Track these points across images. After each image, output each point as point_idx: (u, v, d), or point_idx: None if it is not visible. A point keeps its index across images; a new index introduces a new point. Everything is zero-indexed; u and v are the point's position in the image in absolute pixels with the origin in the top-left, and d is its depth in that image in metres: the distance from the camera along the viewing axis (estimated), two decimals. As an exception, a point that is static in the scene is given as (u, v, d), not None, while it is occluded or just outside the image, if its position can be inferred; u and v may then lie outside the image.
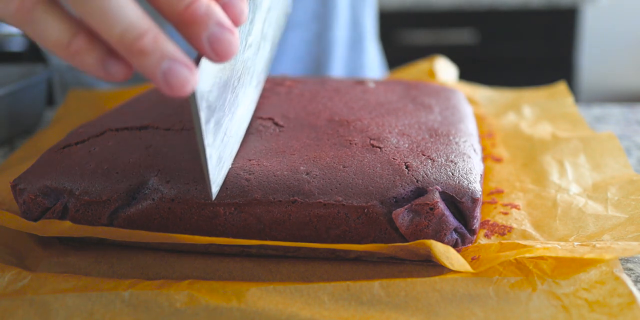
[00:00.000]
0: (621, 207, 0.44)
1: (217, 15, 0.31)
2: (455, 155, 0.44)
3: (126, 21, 0.29)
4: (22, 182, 0.43)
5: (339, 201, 0.40)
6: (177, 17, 0.30)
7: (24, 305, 0.37)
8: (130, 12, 0.29)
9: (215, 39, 0.31)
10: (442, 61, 0.77)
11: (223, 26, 0.31)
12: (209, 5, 0.30)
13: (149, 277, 0.41)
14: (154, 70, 0.30)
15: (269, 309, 0.36)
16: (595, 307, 0.36)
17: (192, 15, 0.30)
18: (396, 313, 0.36)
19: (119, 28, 0.29)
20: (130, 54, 0.30)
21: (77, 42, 0.30)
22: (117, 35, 0.29)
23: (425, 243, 0.38)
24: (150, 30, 0.29)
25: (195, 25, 0.30)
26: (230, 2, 0.32)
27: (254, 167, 0.42)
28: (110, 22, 0.29)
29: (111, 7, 0.29)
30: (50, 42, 0.30)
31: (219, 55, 0.31)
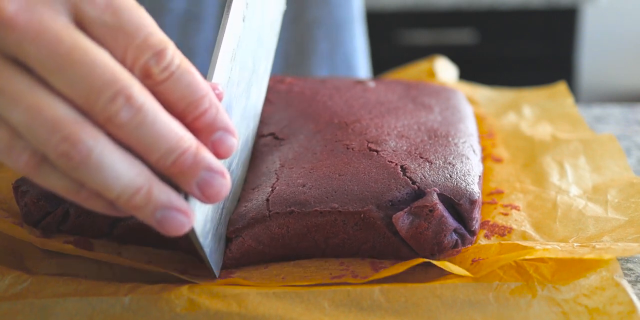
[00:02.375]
0: (621, 209, 0.44)
1: (205, 161, 0.32)
2: (454, 157, 0.44)
3: (120, 186, 0.31)
4: (25, 184, 0.43)
5: (335, 208, 0.40)
6: (167, 170, 0.32)
7: (24, 309, 0.37)
8: (124, 176, 0.31)
9: (205, 184, 0.32)
10: (442, 61, 0.77)
11: (212, 170, 0.32)
12: (196, 154, 0.32)
13: (149, 280, 0.41)
14: (149, 220, 0.32)
15: (269, 314, 0.36)
16: (595, 315, 0.36)
17: (181, 167, 0.32)
18: (396, 319, 0.36)
19: (114, 193, 0.31)
20: (127, 209, 0.32)
21: (85, 192, 0.32)
22: (113, 197, 0.31)
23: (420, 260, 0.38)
24: (142, 187, 0.31)
25: (185, 175, 0.32)
26: (219, 139, 0.33)
27: (253, 194, 0.43)
28: (107, 189, 0.31)
29: (107, 178, 0.30)
30: (60, 191, 0.32)
31: (210, 198, 0.33)
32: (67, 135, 0.30)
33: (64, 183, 0.32)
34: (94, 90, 0.30)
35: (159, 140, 0.31)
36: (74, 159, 0.30)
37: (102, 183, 0.31)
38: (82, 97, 0.30)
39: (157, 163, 0.32)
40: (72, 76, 0.30)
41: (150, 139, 0.31)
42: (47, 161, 0.31)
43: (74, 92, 0.30)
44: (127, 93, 0.30)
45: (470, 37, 1.79)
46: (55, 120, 0.30)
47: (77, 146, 0.30)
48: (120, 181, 0.31)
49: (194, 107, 0.33)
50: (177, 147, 0.31)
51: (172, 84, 0.32)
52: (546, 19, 1.75)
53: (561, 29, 1.76)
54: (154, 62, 0.31)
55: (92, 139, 0.30)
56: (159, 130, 0.31)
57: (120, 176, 0.31)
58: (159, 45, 0.31)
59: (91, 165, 0.30)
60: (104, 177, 0.30)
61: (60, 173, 0.31)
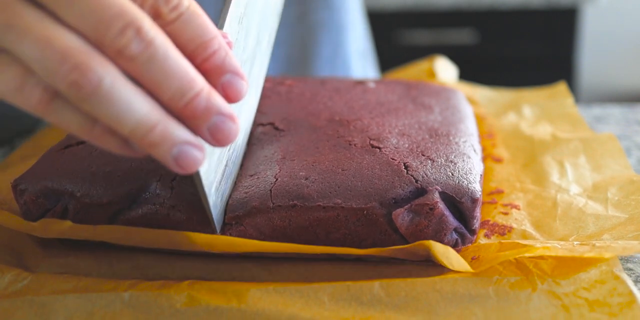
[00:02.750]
0: (621, 207, 0.44)
1: (217, 106, 0.32)
2: (455, 156, 0.44)
3: (134, 119, 0.31)
4: (23, 183, 0.43)
5: (338, 204, 0.40)
6: (179, 112, 0.32)
7: (24, 306, 0.38)
8: (137, 110, 0.31)
9: (216, 129, 0.32)
10: (441, 61, 0.77)
11: (224, 115, 0.32)
12: (209, 98, 0.32)
13: (149, 277, 0.41)
14: (165, 157, 0.32)
15: (269, 309, 0.36)
16: (595, 307, 0.36)
17: (193, 111, 0.32)
18: (396, 313, 0.36)
19: (128, 127, 0.31)
20: (142, 145, 0.31)
21: (99, 127, 0.32)
22: (128, 132, 0.31)
23: (424, 244, 0.38)
24: (158, 124, 0.31)
25: (197, 119, 0.32)
26: (229, 82, 0.33)
27: (253, 180, 0.43)
28: (120, 123, 0.31)
29: (120, 110, 0.30)
30: (73, 128, 0.32)
31: (220, 142, 0.33)
32: (76, 63, 0.30)
33: (77, 119, 0.32)
34: (103, 22, 0.30)
35: (171, 77, 0.31)
36: (85, 88, 0.30)
37: (114, 116, 0.30)
38: (91, 29, 0.30)
39: (169, 102, 0.32)
40: (82, 8, 0.30)
41: (162, 74, 0.31)
42: (60, 97, 0.31)
43: (84, 24, 0.30)
44: (137, 26, 0.30)
45: (470, 37, 1.79)
46: (65, 50, 0.30)
47: (87, 74, 0.30)
48: (134, 114, 0.31)
49: (203, 48, 0.33)
50: (189, 88, 0.31)
51: (182, 25, 0.32)
52: (546, 19, 1.75)
53: (561, 29, 1.76)
54: (163, 2, 0.32)
55: (102, 68, 0.30)
56: (170, 67, 0.31)
57: (133, 109, 0.30)
58: None
59: (102, 95, 0.30)
60: (116, 109, 0.30)
61: (73, 108, 0.31)
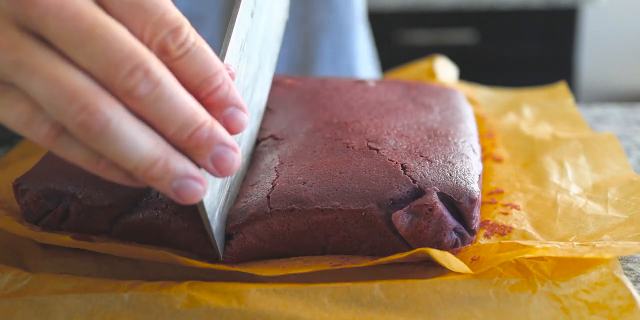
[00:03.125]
0: (621, 207, 0.44)
1: (220, 136, 0.33)
2: (454, 156, 0.44)
3: (139, 156, 0.32)
4: (25, 183, 0.43)
5: (336, 206, 0.40)
6: (183, 144, 0.33)
7: (24, 306, 0.38)
8: (141, 147, 0.32)
9: (219, 159, 0.33)
10: (441, 61, 0.77)
11: (226, 145, 0.33)
12: (211, 129, 0.33)
13: (149, 278, 0.41)
14: (167, 190, 0.33)
15: (269, 310, 0.36)
16: (595, 309, 0.36)
17: (197, 142, 0.33)
18: (396, 315, 0.36)
19: (132, 164, 0.32)
20: (145, 179, 0.33)
21: (104, 162, 0.33)
22: (132, 168, 0.32)
23: (423, 251, 0.38)
24: (160, 159, 0.32)
25: (200, 150, 0.33)
26: (231, 115, 0.34)
27: (253, 190, 0.43)
28: (125, 160, 0.32)
29: (126, 148, 0.31)
30: (79, 161, 0.33)
31: (222, 172, 0.34)
32: (85, 104, 0.30)
33: (84, 154, 0.33)
34: (113, 64, 0.30)
35: (176, 114, 0.32)
36: (92, 128, 0.30)
37: (120, 154, 0.31)
38: (101, 70, 0.31)
39: (173, 136, 0.32)
40: (93, 50, 0.30)
41: (168, 112, 0.32)
42: (67, 132, 0.32)
43: (94, 66, 0.31)
44: (146, 67, 0.31)
45: (470, 37, 1.79)
46: (74, 90, 0.30)
47: (95, 115, 0.30)
48: (138, 152, 0.31)
49: (207, 83, 0.34)
50: (193, 121, 0.32)
51: (188, 61, 0.33)
52: (546, 19, 1.75)
53: (561, 29, 1.76)
54: (171, 39, 0.32)
55: (110, 108, 0.31)
56: (175, 104, 0.32)
57: (138, 147, 0.31)
58: (176, 23, 0.32)
59: (109, 135, 0.31)
60: (122, 148, 0.31)
61: (80, 144, 0.32)
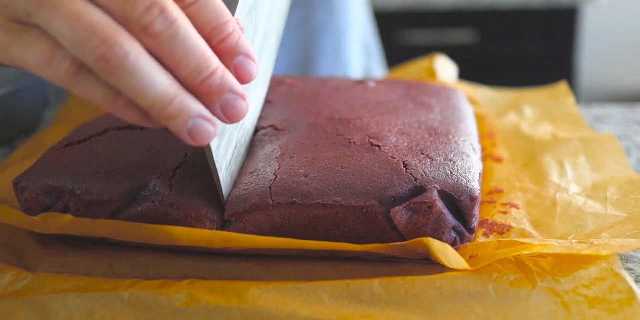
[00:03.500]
0: (620, 206, 0.44)
1: (230, 84, 0.35)
2: (455, 155, 0.44)
3: (155, 93, 0.33)
4: (24, 180, 0.43)
5: (337, 202, 0.40)
6: (195, 88, 0.34)
7: (24, 306, 0.38)
8: (158, 83, 0.33)
9: (228, 105, 0.35)
10: (441, 60, 0.77)
11: (236, 93, 0.35)
12: (223, 77, 0.34)
13: (148, 276, 0.41)
14: (180, 129, 0.34)
15: (269, 308, 0.36)
16: (595, 304, 0.36)
17: (209, 88, 0.34)
18: (396, 311, 0.36)
19: (149, 100, 0.33)
20: (160, 117, 0.34)
21: (121, 99, 0.34)
22: (148, 105, 0.33)
23: (422, 241, 0.38)
24: (176, 97, 0.33)
25: (211, 96, 0.34)
26: (241, 64, 0.36)
27: (253, 177, 0.43)
28: (143, 96, 0.33)
29: (143, 84, 0.32)
30: (97, 100, 0.34)
31: (231, 118, 0.35)
32: (105, 38, 0.31)
33: (102, 91, 0.34)
34: (130, 0, 0.32)
35: (190, 55, 0.33)
36: (112, 61, 0.32)
37: (137, 88, 0.32)
38: (119, 7, 0.32)
39: (186, 79, 0.34)
40: None
41: (182, 52, 0.33)
42: (86, 70, 0.33)
43: (112, 2, 0.32)
44: (162, 5, 0.32)
45: (470, 37, 1.79)
46: (94, 25, 0.32)
47: (114, 48, 0.31)
48: (155, 88, 0.33)
49: (219, 31, 0.35)
50: (206, 67, 0.34)
51: (200, 8, 0.34)
52: (546, 19, 1.75)
53: (561, 29, 1.76)
54: None
55: (129, 43, 0.32)
56: (190, 46, 0.33)
57: (155, 83, 0.33)
58: None
59: (128, 68, 0.32)
60: (140, 83, 0.32)
61: (98, 81, 0.33)
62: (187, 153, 0.45)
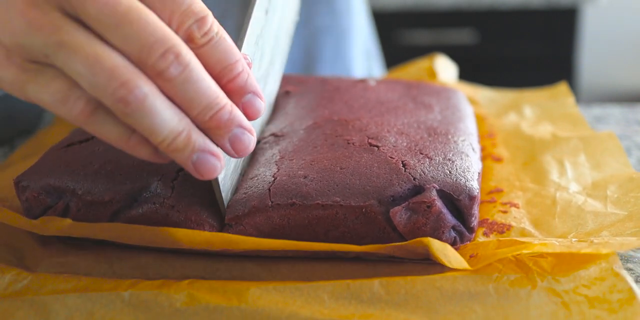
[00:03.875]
0: (620, 204, 0.44)
1: (238, 119, 0.36)
2: (453, 154, 0.44)
3: (167, 130, 0.34)
4: (25, 180, 0.43)
5: (336, 202, 0.40)
6: (204, 124, 0.36)
7: (24, 306, 0.38)
8: (169, 121, 0.34)
9: (236, 139, 0.37)
10: (441, 59, 0.77)
11: (244, 127, 0.37)
12: (231, 112, 0.36)
13: (149, 276, 0.41)
14: (186, 162, 0.36)
15: (269, 308, 0.36)
16: (595, 303, 0.36)
17: (217, 122, 0.36)
18: (396, 311, 0.36)
19: (161, 137, 0.35)
20: (168, 151, 0.35)
21: (134, 138, 0.35)
22: (159, 141, 0.35)
23: (422, 241, 0.38)
24: (183, 131, 0.35)
25: (220, 130, 0.36)
26: (249, 101, 0.38)
27: (253, 182, 0.43)
28: (155, 133, 0.34)
29: (156, 122, 0.34)
30: (111, 138, 0.35)
31: (239, 152, 0.37)
32: (124, 81, 0.33)
33: (117, 130, 0.35)
34: (147, 46, 0.33)
35: (201, 96, 0.35)
36: (131, 104, 0.33)
37: (151, 127, 0.34)
38: (135, 51, 0.33)
39: (197, 117, 0.35)
40: (129, 33, 0.33)
41: (194, 94, 0.35)
42: (101, 109, 0.35)
43: (129, 47, 0.33)
44: (177, 51, 0.34)
45: (470, 37, 1.79)
46: (114, 68, 0.33)
47: (134, 92, 0.33)
48: (166, 125, 0.34)
49: (228, 71, 0.36)
50: (215, 104, 0.35)
51: (211, 49, 0.36)
52: (546, 19, 1.76)
53: (561, 29, 1.76)
54: (197, 27, 0.35)
55: (146, 86, 0.33)
56: (201, 87, 0.35)
57: (167, 121, 0.34)
58: (201, 13, 0.35)
59: (145, 110, 0.33)
60: (154, 122, 0.34)
61: (113, 120, 0.35)
62: None
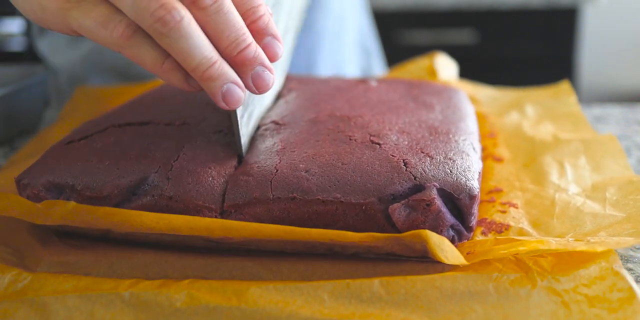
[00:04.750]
0: (619, 206, 0.44)
1: (261, 57, 0.40)
2: (454, 153, 0.45)
3: (200, 56, 0.38)
4: (26, 177, 0.44)
5: (337, 198, 0.40)
6: (231, 59, 0.39)
7: (24, 306, 0.38)
8: (204, 47, 0.38)
9: (258, 77, 0.40)
10: (441, 58, 0.77)
11: (265, 66, 0.40)
12: (256, 50, 0.39)
13: (149, 276, 0.41)
14: (216, 91, 0.39)
15: (269, 307, 0.37)
16: (595, 303, 0.36)
17: (243, 59, 0.39)
18: (396, 310, 0.36)
19: (195, 62, 0.38)
20: (201, 79, 0.39)
21: (168, 63, 0.39)
22: (193, 67, 0.38)
23: (420, 233, 0.38)
24: (216, 62, 0.38)
25: (245, 67, 0.39)
26: (269, 43, 0.40)
27: (253, 169, 0.43)
28: (190, 57, 0.38)
29: (192, 46, 0.37)
30: (147, 61, 0.38)
31: (259, 88, 0.41)
32: (164, 3, 0.36)
33: (152, 54, 0.38)
34: None
35: (231, 28, 0.38)
36: (168, 24, 0.36)
37: (186, 50, 0.37)
38: None
39: (225, 50, 0.39)
40: None
41: (224, 25, 0.38)
42: (140, 33, 0.38)
43: None
44: None
45: (470, 37, 1.79)
46: None
47: (172, 12, 0.36)
48: (201, 51, 0.37)
49: (252, 12, 0.40)
50: (243, 40, 0.39)
51: None
52: (546, 19, 1.76)
53: (561, 29, 1.76)
54: None
55: (183, 9, 0.36)
56: (231, 20, 0.38)
57: (201, 47, 0.37)
58: None
59: (181, 32, 0.36)
60: (190, 45, 0.37)
61: (150, 44, 0.38)
62: (184, 146, 0.45)
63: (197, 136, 0.47)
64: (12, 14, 1.59)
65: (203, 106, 0.52)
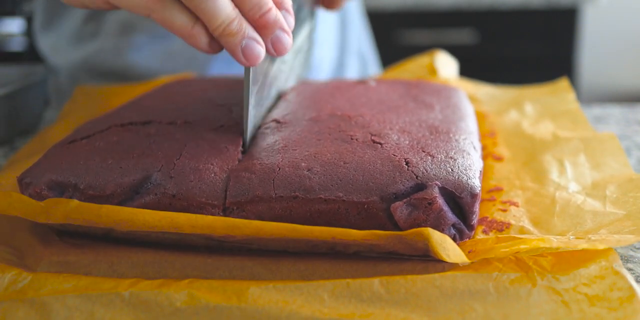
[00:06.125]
0: (619, 204, 0.44)
1: (281, 22, 0.42)
2: (455, 152, 0.45)
3: (223, 16, 0.40)
4: (28, 176, 0.44)
5: (339, 197, 0.40)
6: (254, 21, 0.42)
7: (24, 306, 0.37)
8: (226, 8, 0.40)
9: (278, 40, 0.43)
10: (441, 56, 0.77)
11: (284, 30, 0.43)
12: (277, 15, 0.42)
13: (149, 276, 0.41)
14: (236, 47, 0.41)
15: (269, 307, 0.36)
16: (595, 302, 0.36)
17: (265, 22, 0.42)
18: (396, 310, 0.36)
19: (218, 21, 0.40)
20: (222, 36, 0.41)
21: (197, 28, 0.41)
22: (216, 25, 0.41)
23: (422, 232, 0.38)
24: (237, 17, 0.41)
25: (266, 29, 0.42)
26: (285, 15, 0.43)
27: (255, 166, 0.43)
28: (215, 16, 0.40)
29: (216, 6, 0.40)
30: (176, 25, 0.41)
31: (278, 51, 0.43)
32: None
33: (182, 18, 0.41)
34: None
35: None
36: None
37: (212, 10, 0.40)
38: None
39: (248, 12, 0.41)
40: None
41: None
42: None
43: None
44: None
45: (470, 37, 1.79)
46: None
47: None
48: (224, 10, 0.40)
49: None
50: (265, 3, 0.41)
51: None
52: (546, 19, 1.76)
53: (561, 29, 1.77)
54: None
55: None
56: None
57: (225, 6, 0.40)
58: None
59: None
60: (215, 5, 0.40)
61: (179, 9, 0.40)
62: (186, 144, 0.45)
63: (199, 134, 0.47)
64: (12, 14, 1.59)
65: (205, 105, 0.52)
